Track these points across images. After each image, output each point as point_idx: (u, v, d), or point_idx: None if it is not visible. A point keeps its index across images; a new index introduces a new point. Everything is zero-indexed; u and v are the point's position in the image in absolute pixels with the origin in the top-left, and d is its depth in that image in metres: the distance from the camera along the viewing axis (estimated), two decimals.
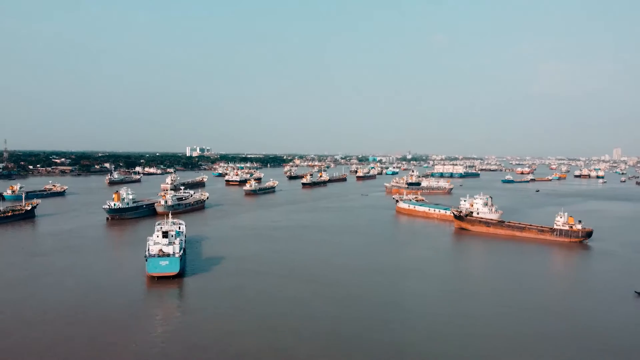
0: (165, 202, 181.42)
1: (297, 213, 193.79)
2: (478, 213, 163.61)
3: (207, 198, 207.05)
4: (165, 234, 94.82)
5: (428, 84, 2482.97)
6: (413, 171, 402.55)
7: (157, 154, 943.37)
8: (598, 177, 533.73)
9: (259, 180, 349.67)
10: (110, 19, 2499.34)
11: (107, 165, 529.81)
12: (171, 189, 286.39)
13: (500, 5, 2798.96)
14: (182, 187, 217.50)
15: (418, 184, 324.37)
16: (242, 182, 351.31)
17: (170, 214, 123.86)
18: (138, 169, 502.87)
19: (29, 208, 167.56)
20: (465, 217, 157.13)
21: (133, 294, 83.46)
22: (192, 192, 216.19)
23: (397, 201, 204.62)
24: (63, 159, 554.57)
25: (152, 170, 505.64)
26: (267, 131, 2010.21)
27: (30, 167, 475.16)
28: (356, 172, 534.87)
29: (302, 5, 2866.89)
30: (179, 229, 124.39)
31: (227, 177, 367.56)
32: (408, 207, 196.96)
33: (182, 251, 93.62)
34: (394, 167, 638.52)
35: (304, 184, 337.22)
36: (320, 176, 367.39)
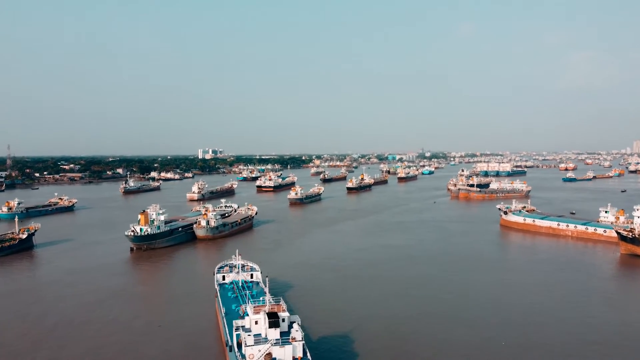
0: (207, 222, 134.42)
1: (376, 234, 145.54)
2: None
3: (256, 213, 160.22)
4: (273, 320, 46.71)
5: (439, 82, 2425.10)
6: (463, 170, 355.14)
7: (169, 157, 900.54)
8: None
9: (292, 185, 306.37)
10: (117, 21, 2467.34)
11: (119, 170, 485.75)
12: (199, 199, 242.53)
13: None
14: (222, 202, 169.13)
15: (487, 185, 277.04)
16: (277, 188, 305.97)
17: (238, 255, 78.13)
18: (154, 174, 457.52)
19: (24, 236, 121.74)
20: None
21: None
22: (235, 205, 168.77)
23: (504, 212, 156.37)
24: (72, 165, 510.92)
25: (169, 175, 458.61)
26: (277, 131, 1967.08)
27: (37, 174, 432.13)
28: (389, 172, 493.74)
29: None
30: (251, 277, 78.86)
31: (258, 182, 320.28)
32: (523, 220, 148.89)
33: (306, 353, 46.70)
34: (429, 167, 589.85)
35: (349, 189, 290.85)
36: (363, 178, 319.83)
